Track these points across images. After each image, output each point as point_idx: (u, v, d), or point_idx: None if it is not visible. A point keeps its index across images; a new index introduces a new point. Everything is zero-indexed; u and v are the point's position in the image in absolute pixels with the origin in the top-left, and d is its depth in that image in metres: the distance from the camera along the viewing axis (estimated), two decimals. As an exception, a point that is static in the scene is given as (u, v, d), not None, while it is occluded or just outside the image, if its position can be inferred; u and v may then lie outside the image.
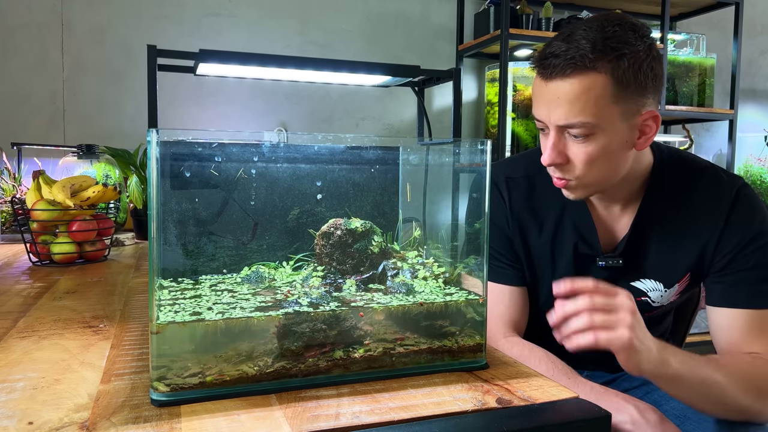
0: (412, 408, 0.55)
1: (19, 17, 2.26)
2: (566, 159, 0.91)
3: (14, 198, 1.62)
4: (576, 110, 0.87)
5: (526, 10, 2.57)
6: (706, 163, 1.03)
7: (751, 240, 0.94)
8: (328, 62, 1.68)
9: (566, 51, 0.86)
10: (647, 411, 0.84)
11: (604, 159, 0.90)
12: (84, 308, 0.91)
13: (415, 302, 0.64)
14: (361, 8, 2.71)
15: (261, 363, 0.58)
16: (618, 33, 0.86)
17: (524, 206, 1.06)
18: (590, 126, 0.87)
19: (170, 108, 2.41)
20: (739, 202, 0.97)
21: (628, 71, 0.86)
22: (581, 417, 0.55)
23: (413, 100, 2.62)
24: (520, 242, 1.06)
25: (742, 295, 0.93)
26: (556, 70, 0.87)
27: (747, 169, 3.22)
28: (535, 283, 1.09)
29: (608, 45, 0.85)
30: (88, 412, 0.52)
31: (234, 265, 0.69)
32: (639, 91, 0.88)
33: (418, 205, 0.77)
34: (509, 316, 1.06)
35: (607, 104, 0.86)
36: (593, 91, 0.86)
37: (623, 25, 0.87)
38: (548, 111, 0.90)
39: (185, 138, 0.60)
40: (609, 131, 0.88)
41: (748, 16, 3.14)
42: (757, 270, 0.94)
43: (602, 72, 0.85)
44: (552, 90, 0.89)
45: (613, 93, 0.86)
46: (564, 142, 0.91)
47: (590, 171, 0.91)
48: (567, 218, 1.04)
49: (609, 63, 0.85)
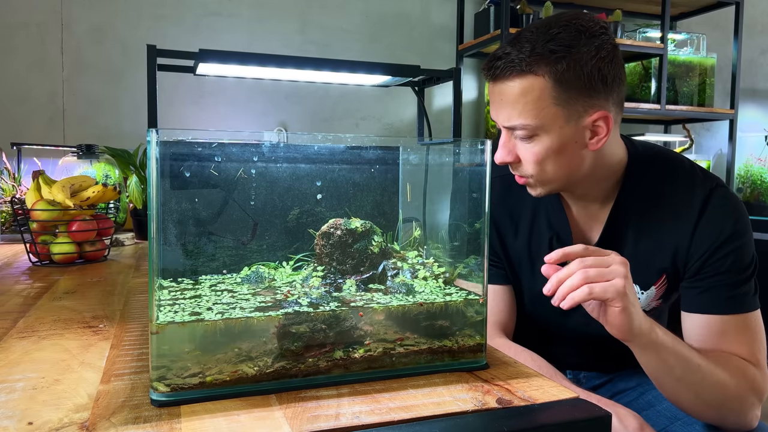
0: (412, 408, 0.54)
1: (19, 17, 2.26)
2: (516, 158, 0.93)
3: (14, 198, 1.62)
4: (516, 112, 0.88)
5: (526, 9, 2.57)
6: (683, 159, 1.01)
7: (723, 243, 0.92)
8: (328, 62, 1.68)
9: (508, 54, 0.87)
10: (627, 417, 0.84)
11: (553, 159, 0.90)
12: (84, 308, 0.91)
13: (415, 302, 0.64)
14: (361, 8, 2.71)
15: (261, 363, 0.57)
16: (561, 35, 0.86)
17: (499, 207, 1.07)
18: (531, 128, 0.88)
19: (170, 108, 2.41)
20: (711, 202, 0.94)
21: (568, 73, 0.85)
22: (581, 417, 0.55)
23: (413, 100, 2.62)
24: (498, 243, 1.07)
25: (716, 301, 0.91)
26: (497, 72, 0.88)
27: (747, 168, 3.22)
28: (517, 285, 1.09)
29: (547, 48, 0.85)
30: (87, 413, 0.52)
31: (234, 265, 0.69)
32: (585, 93, 0.87)
33: (418, 205, 0.77)
34: (495, 317, 1.05)
35: (549, 106, 0.86)
36: (532, 93, 0.86)
37: (569, 26, 0.87)
38: (496, 112, 0.92)
39: (185, 138, 0.60)
40: (553, 132, 0.88)
41: (748, 15, 3.14)
42: (730, 274, 0.91)
43: (540, 75, 0.86)
44: (496, 92, 0.91)
45: (555, 95, 0.86)
46: (513, 142, 0.92)
47: (542, 170, 0.91)
48: (542, 218, 1.05)
49: (547, 66, 0.85)
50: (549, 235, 1.03)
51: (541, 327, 1.10)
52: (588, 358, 1.14)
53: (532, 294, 1.08)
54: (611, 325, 0.79)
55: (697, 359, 0.84)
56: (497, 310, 1.06)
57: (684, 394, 0.86)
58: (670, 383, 0.85)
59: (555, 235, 1.03)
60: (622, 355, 1.14)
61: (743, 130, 3.26)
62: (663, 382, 0.86)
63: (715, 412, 0.87)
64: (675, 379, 0.84)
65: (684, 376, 0.83)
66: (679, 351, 0.83)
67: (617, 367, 1.15)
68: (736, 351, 0.90)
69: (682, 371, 0.83)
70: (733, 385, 0.85)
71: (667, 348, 0.82)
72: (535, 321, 1.10)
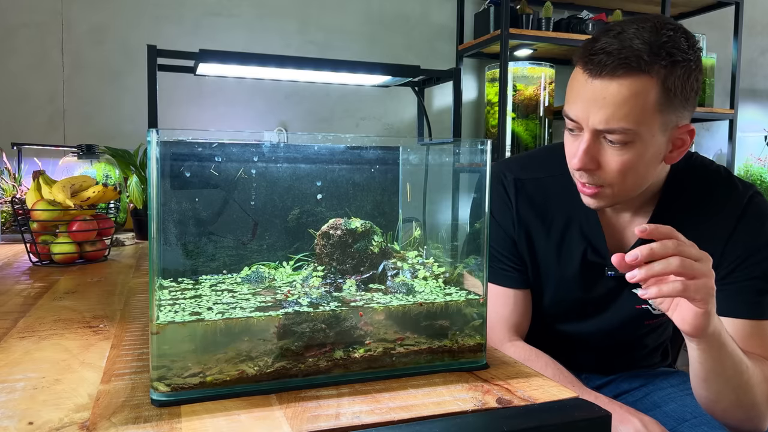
0: (413, 408, 0.55)
1: (19, 17, 2.26)
2: (597, 165, 0.86)
3: (14, 198, 1.62)
4: (620, 115, 0.81)
5: (526, 9, 2.57)
6: (718, 168, 1.00)
7: (757, 250, 0.92)
8: (327, 62, 1.68)
9: (619, 49, 0.80)
10: (651, 424, 0.83)
11: (636, 169, 0.86)
12: (84, 308, 0.91)
13: (415, 302, 0.64)
14: (361, 8, 2.71)
15: (261, 363, 0.58)
16: (673, 38, 0.81)
17: (531, 210, 1.03)
18: (631, 133, 0.82)
19: (170, 108, 2.41)
20: (748, 210, 0.94)
21: (678, 80, 0.81)
22: (582, 417, 0.55)
23: (413, 100, 2.62)
24: (525, 245, 1.04)
25: (743, 305, 0.90)
26: (607, 68, 0.80)
27: (747, 168, 3.21)
28: (539, 285, 1.06)
29: (664, 49, 0.80)
30: (88, 412, 0.52)
31: (234, 265, 0.69)
32: (682, 103, 0.84)
33: (418, 205, 0.77)
34: (514, 320, 1.04)
35: (652, 112, 0.82)
36: (642, 96, 0.80)
37: (677, 30, 0.83)
38: (587, 111, 0.84)
39: (185, 138, 0.60)
40: (647, 141, 0.83)
41: (748, 15, 3.14)
42: (760, 280, 0.91)
43: (654, 77, 0.80)
44: (597, 89, 0.82)
45: (660, 101, 0.81)
46: (598, 147, 0.85)
47: (622, 180, 0.86)
48: (575, 225, 1.01)
49: (663, 69, 0.80)
50: (582, 246, 1.00)
51: (556, 330, 1.09)
52: (598, 360, 1.14)
53: (555, 299, 1.06)
54: (687, 323, 0.75)
55: (746, 361, 0.83)
56: (517, 314, 1.04)
57: (727, 395, 0.84)
58: (718, 384, 0.83)
59: (589, 246, 1.00)
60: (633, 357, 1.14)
61: (743, 130, 3.25)
62: (711, 383, 0.84)
63: (743, 415, 0.86)
64: (725, 379, 0.82)
65: (733, 377, 0.82)
66: (735, 351, 0.81)
67: (623, 369, 1.15)
68: (760, 353, 0.90)
69: (734, 372, 0.82)
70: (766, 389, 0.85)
71: (728, 348, 0.80)
72: (551, 325, 1.09)
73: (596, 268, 1.01)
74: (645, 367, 1.15)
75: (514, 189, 1.04)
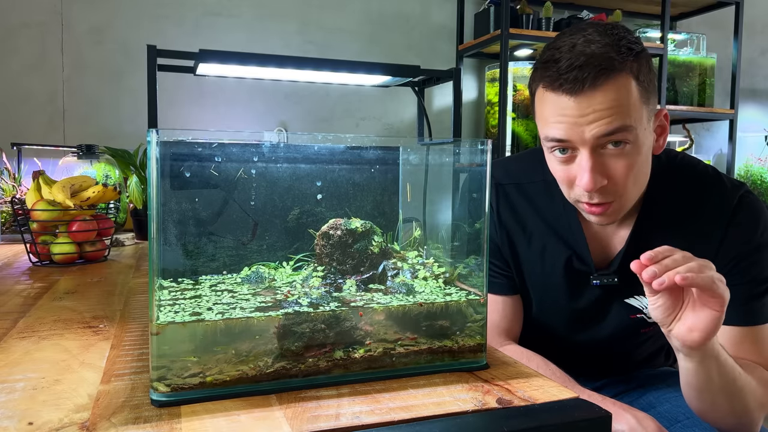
0: (413, 408, 0.54)
1: (19, 17, 2.26)
2: (607, 178, 0.85)
3: (14, 198, 1.62)
4: (614, 115, 0.81)
5: (526, 9, 2.57)
6: (706, 167, 0.98)
7: (748, 254, 0.91)
8: (327, 62, 1.68)
9: (588, 60, 0.80)
10: (645, 420, 0.83)
11: (640, 169, 0.86)
12: (84, 308, 0.91)
13: (415, 302, 0.64)
14: (361, 8, 2.71)
15: (261, 363, 0.57)
16: (623, 35, 0.83)
17: (512, 215, 1.02)
18: (630, 130, 0.82)
19: (170, 108, 2.41)
20: (739, 213, 0.92)
21: (645, 70, 0.83)
22: (582, 417, 0.55)
23: (413, 100, 2.62)
24: (508, 250, 1.03)
25: (735, 312, 0.88)
26: (587, 81, 0.79)
27: (747, 168, 3.22)
28: (526, 291, 1.06)
29: (624, 46, 0.81)
30: (88, 413, 0.52)
31: (234, 265, 0.69)
32: (653, 91, 0.85)
33: (418, 205, 0.77)
34: (504, 326, 1.03)
35: (638, 106, 0.83)
36: (625, 92, 0.81)
37: (619, 27, 0.85)
38: (576, 129, 0.82)
39: (185, 138, 0.60)
40: (641, 136, 0.84)
41: (748, 15, 3.14)
42: (752, 285, 0.90)
43: (629, 73, 0.81)
44: (582, 104, 0.81)
45: (640, 94, 0.83)
46: (601, 160, 0.84)
47: (632, 185, 0.86)
48: (557, 233, 0.99)
49: (633, 63, 0.82)
50: (566, 254, 0.99)
51: (545, 336, 1.08)
52: (588, 365, 1.13)
53: (541, 306, 1.06)
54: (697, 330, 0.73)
55: (738, 369, 0.82)
56: (508, 319, 1.04)
57: (721, 404, 0.83)
58: (712, 394, 0.82)
59: (573, 254, 0.99)
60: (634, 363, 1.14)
61: (743, 130, 3.26)
62: (705, 394, 0.83)
63: (735, 421, 0.86)
64: (719, 389, 0.82)
65: (725, 387, 0.81)
66: (728, 360, 0.81)
67: (616, 374, 1.14)
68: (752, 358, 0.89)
69: (727, 381, 0.81)
70: (759, 395, 0.84)
71: (721, 358, 0.79)
72: (540, 330, 1.08)
73: (581, 275, 0.99)
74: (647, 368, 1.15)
75: (495, 194, 1.03)
